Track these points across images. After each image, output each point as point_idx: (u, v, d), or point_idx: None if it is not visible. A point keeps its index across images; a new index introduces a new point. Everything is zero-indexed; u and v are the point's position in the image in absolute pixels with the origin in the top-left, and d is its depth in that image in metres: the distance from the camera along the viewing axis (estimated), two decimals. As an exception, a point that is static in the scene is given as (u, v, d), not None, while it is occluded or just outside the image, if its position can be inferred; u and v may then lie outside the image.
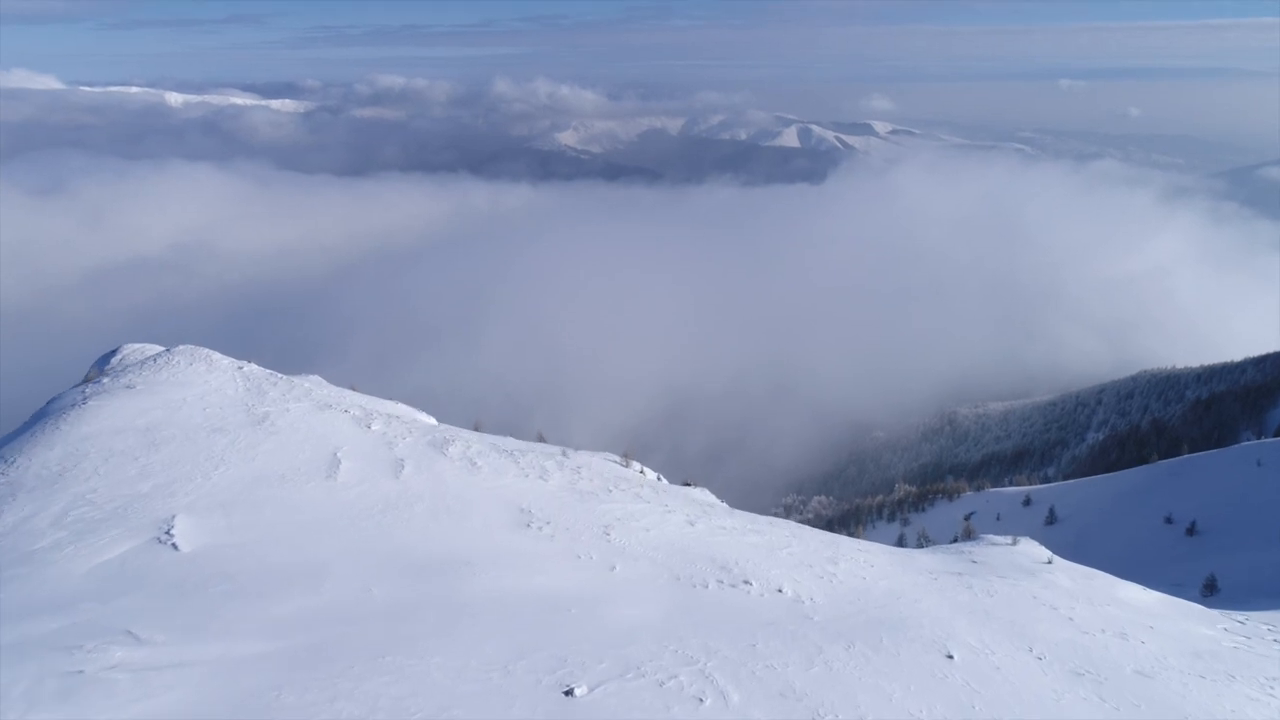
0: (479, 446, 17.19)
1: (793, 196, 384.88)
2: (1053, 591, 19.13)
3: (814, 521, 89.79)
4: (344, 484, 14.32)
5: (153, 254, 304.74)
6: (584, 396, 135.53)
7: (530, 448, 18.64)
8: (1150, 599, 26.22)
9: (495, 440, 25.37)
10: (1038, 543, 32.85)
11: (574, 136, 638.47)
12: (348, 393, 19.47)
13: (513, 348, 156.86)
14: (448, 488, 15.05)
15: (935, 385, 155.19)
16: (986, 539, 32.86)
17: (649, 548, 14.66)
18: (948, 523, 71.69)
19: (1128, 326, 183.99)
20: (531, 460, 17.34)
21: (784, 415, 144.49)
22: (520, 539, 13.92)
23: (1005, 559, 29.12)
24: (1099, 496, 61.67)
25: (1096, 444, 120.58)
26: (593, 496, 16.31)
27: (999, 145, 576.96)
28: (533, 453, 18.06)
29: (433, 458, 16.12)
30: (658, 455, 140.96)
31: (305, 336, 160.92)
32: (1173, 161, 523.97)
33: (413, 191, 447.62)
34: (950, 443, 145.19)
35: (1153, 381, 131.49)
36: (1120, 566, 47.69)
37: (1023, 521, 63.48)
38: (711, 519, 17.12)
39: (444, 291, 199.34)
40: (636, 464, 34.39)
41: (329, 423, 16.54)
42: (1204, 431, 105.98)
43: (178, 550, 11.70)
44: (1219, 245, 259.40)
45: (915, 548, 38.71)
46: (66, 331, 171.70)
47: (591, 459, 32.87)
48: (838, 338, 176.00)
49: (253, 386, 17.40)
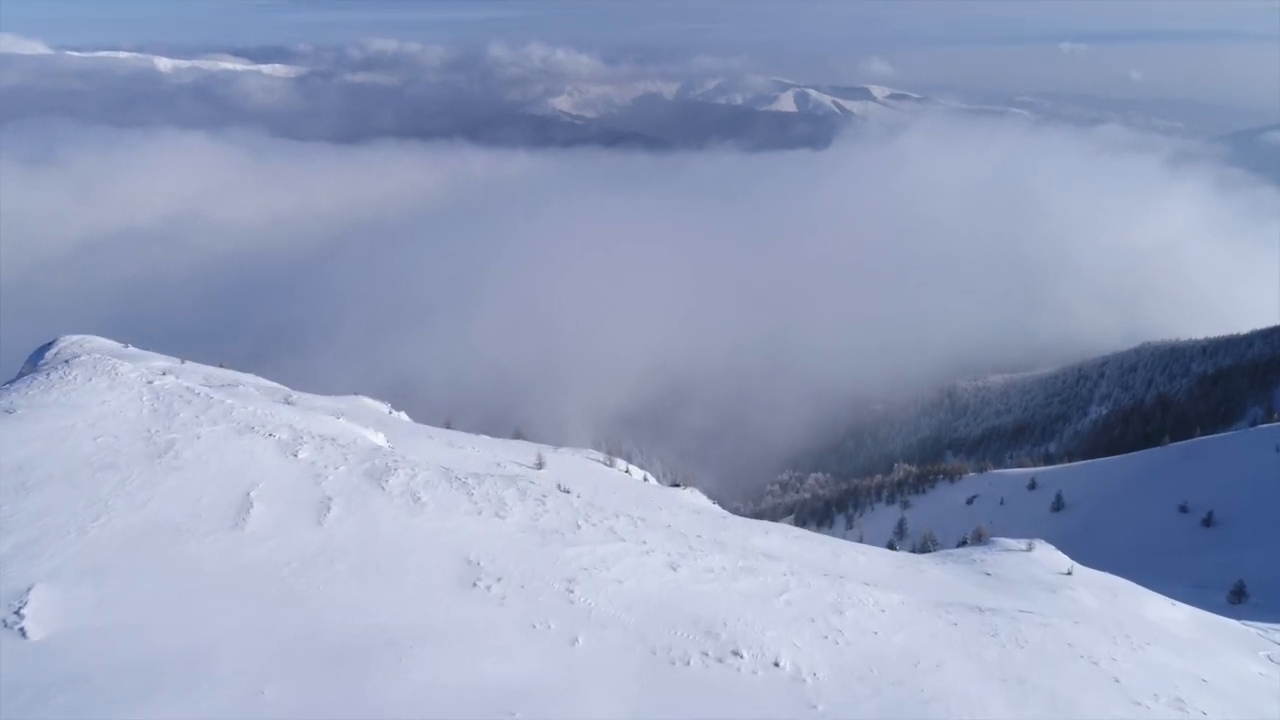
0: (426, 475, 14.74)
1: (794, 163, 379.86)
2: (1085, 630, 16.81)
3: (812, 502, 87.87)
4: (253, 535, 11.91)
5: (144, 225, 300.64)
6: (579, 373, 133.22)
7: (491, 471, 16.21)
8: (1182, 617, 24.03)
9: (457, 454, 22.84)
10: (1052, 545, 30.74)
11: (569, 102, 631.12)
12: (280, 409, 16.96)
13: (508, 323, 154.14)
14: (381, 535, 12.63)
15: (937, 358, 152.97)
16: (999, 543, 30.68)
17: (621, 606, 12.29)
18: (950, 507, 69.64)
19: (1134, 297, 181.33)
20: (489, 490, 14.90)
21: (782, 390, 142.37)
22: (463, 604, 11.53)
23: (1021, 570, 26.95)
24: (1107, 480, 59.51)
25: (1099, 419, 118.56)
26: (557, 537, 13.91)
27: (1000, 110, 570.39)
28: (492, 478, 15.62)
29: (367, 494, 13.68)
30: (653, 432, 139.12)
31: (296, 314, 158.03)
32: (1174, 126, 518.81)
33: (408, 159, 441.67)
34: (949, 416, 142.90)
35: (1156, 354, 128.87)
36: (1134, 560, 45.60)
37: (1028, 507, 61.41)
38: (697, 558, 14.73)
39: (438, 265, 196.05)
40: (622, 462, 32.03)
41: (247, 451, 14.08)
42: (1210, 407, 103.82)
43: (25, 638, 9.33)
44: (1225, 213, 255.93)
45: (921, 552, 36.51)
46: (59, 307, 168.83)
47: (572, 458, 30.56)
48: (838, 310, 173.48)
49: (161, 407, 14.90)
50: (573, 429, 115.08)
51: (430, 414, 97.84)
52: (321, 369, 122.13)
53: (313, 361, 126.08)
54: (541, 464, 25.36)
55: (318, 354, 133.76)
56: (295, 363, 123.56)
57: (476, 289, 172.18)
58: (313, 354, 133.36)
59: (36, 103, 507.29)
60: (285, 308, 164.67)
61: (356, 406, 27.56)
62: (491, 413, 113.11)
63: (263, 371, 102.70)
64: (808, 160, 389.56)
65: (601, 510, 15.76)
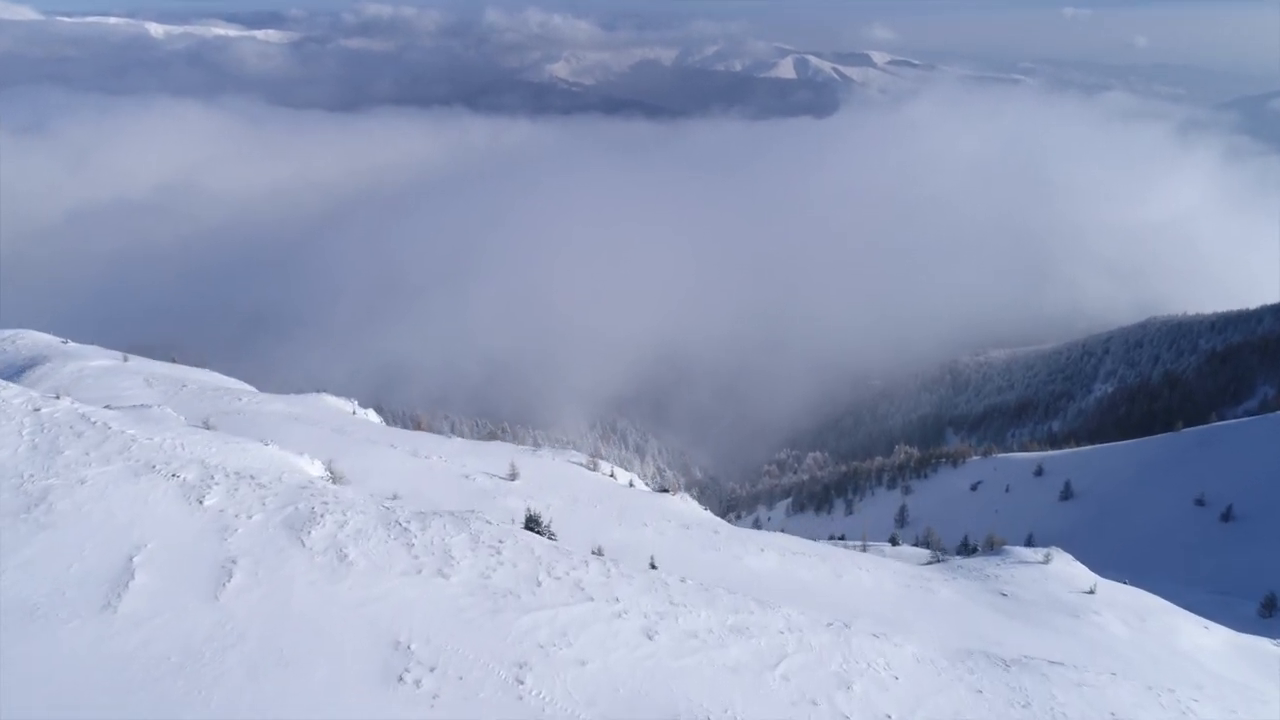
0: (360, 522, 12.50)
1: (796, 132, 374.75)
2: (1125, 689, 14.65)
3: (810, 485, 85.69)
4: (128, 618, 9.68)
5: (137, 197, 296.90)
6: (576, 353, 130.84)
7: (439, 510, 13.96)
8: (1218, 645, 21.97)
9: (420, 468, 20.48)
10: (1070, 555, 28.62)
11: (566, 68, 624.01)
12: (195, 437, 14.66)
13: (504, 303, 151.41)
14: (291, 611, 10.40)
15: (941, 333, 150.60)
16: (1013, 553, 28.48)
17: (582, 701, 10.11)
18: (953, 493, 67.65)
19: (1142, 271, 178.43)
20: (434, 537, 12.67)
21: (782, 366, 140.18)
22: (384, 704, 9.33)
23: (1039, 588, 24.78)
24: (1118, 468, 57.34)
25: (1105, 397, 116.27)
26: (511, 600, 11.69)
27: (1001, 77, 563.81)
28: (441, 519, 13.38)
29: (282, 553, 11.44)
30: (651, 412, 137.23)
31: (288, 293, 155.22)
32: (1177, 92, 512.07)
33: (408, 127, 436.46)
34: (950, 393, 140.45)
35: (1163, 330, 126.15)
36: (1149, 557, 43.52)
37: (1035, 494, 59.32)
38: (679, 617, 12.54)
39: (436, 241, 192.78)
40: (606, 465, 29.78)
41: (141, 500, 11.83)
42: (1219, 386, 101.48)
43: None
44: (1234, 184, 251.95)
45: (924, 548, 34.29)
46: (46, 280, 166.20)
47: (551, 462, 28.35)
48: (840, 284, 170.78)
49: (44, 442, 12.60)
50: (568, 410, 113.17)
51: (422, 398, 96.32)
52: (312, 350, 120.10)
53: (303, 342, 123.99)
54: (515, 474, 23.19)
55: (309, 333, 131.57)
56: (284, 346, 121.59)
57: (473, 266, 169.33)
58: (305, 333, 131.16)
59: (27, 70, 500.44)
60: (277, 286, 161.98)
61: (315, 408, 25.37)
62: (485, 395, 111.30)
63: (248, 356, 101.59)
64: (810, 128, 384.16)
65: (569, 557, 13.53)
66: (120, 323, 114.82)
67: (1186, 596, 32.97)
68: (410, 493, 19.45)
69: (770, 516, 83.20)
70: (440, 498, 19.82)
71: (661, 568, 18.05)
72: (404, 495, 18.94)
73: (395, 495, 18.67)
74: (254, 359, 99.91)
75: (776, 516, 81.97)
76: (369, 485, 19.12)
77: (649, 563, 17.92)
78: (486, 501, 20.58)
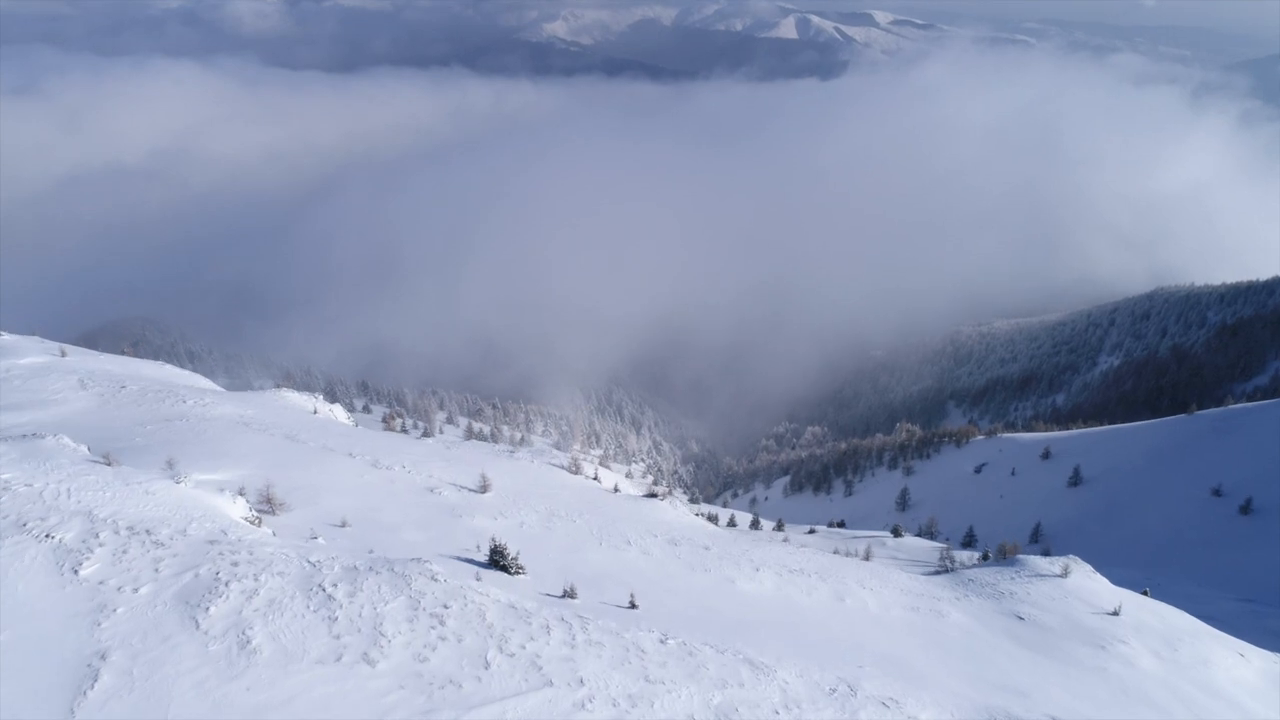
0: (274, 587, 10.46)
1: (801, 95, 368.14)
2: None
3: (808, 463, 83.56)
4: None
5: (131, 161, 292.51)
6: (574, 323, 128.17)
7: (378, 562, 11.89)
8: (1255, 677, 20.03)
9: (379, 481, 18.08)
10: (1087, 565, 26.60)
11: (564, 27, 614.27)
12: (88, 478, 12.56)
13: (503, 273, 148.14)
14: (167, 724, 8.38)
15: (948, 303, 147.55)
16: (1027, 564, 26.35)
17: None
18: (956, 475, 65.64)
19: (1155, 240, 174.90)
20: (363, 605, 10.64)
21: (783, 337, 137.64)
22: None
23: (1059, 608, 22.73)
24: (1129, 453, 55.21)
25: (1110, 370, 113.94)
26: (451, 692, 9.68)
27: (1010, 39, 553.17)
28: (376, 576, 11.36)
29: (168, 640, 9.40)
30: (650, 384, 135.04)
31: (281, 265, 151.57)
32: (1182, 54, 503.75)
33: (407, 89, 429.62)
34: (952, 364, 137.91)
35: (1170, 301, 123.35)
36: (1165, 552, 41.60)
37: (1042, 479, 57.30)
38: (656, 701, 10.55)
39: (434, 210, 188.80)
40: (589, 467, 27.77)
41: (2, 571, 9.76)
42: (1229, 360, 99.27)
43: None
44: (1247, 151, 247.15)
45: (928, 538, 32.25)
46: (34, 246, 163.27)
47: (530, 467, 26.31)
48: (846, 251, 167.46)
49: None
50: (564, 383, 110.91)
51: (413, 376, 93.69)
52: (301, 326, 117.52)
53: (293, 317, 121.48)
54: (486, 486, 21.14)
55: (299, 308, 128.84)
56: (273, 322, 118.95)
57: (471, 239, 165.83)
58: (294, 308, 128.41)
59: (19, 29, 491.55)
60: (269, 259, 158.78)
61: (271, 408, 23.23)
62: (479, 371, 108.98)
63: (234, 334, 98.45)
64: (815, 92, 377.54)
65: (528, 621, 11.51)
66: (102, 296, 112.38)
67: (1210, 605, 31.14)
68: (364, 515, 17.46)
69: (767, 496, 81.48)
70: (399, 519, 17.82)
71: (644, 605, 16.14)
72: (355, 522, 16.95)
73: (344, 522, 16.69)
74: (240, 336, 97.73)
75: (774, 496, 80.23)
76: (317, 508, 17.11)
77: (629, 600, 15.99)
78: (451, 521, 18.58)
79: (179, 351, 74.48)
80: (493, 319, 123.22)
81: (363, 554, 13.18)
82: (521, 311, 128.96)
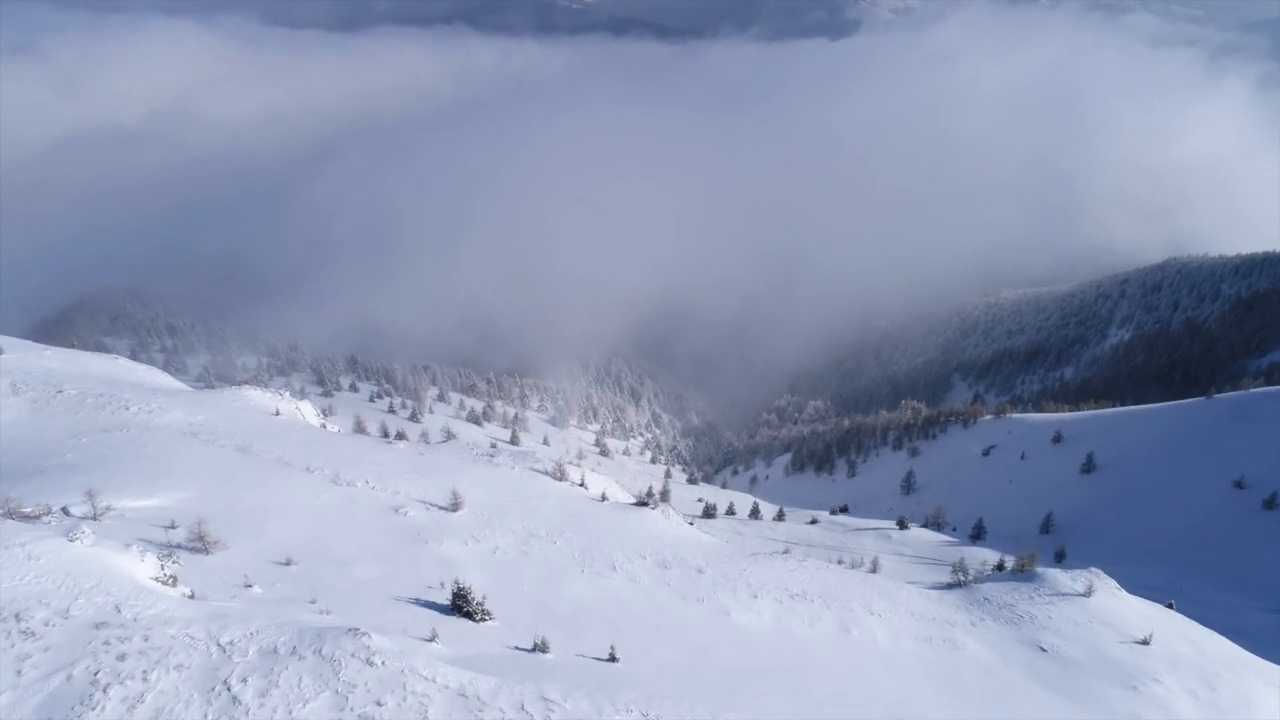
0: (167, 688, 8.66)
1: (811, 56, 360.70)
2: None
3: (810, 441, 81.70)
4: None
5: (129, 123, 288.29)
6: (576, 293, 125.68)
7: (302, 641, 10.05)
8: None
9: (337, 501, 15.93)
10: (1111, 580, 24.74)
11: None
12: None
13: (504, 243, 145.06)
14: None
15: (961, 273, 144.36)
16: (1047, 580, 24.24)
17: None
18: (963, 457, 63.74)
19: (1172, 208, 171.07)
20: (276, 705, 8.85)
21: (788, 308, 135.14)
22: None
23: (1084, 636, 20.77)
24: (1145, 438, 53.15)
25: (1120, 344, 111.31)
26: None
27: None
28: (299, 662, 9.56)
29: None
30: (652, 357, 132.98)
31: (276, 233, 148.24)
32: (1194, 13, 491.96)
33: (409, 49, 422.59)
34: (958, 335, 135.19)
35: (1183, 272, 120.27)
36: (1185, 550, 39.50)
37: (1053, 464, 55.32)
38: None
39: (435, 179, 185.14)
40: (576, 472, 25.87)
41: None
42: (1244, 335, 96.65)
43: None
44: (1266, 116, 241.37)
45: (934, 529, 30.49)
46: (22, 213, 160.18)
47: (511, 473, 24.42)
48: (856, 221, 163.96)
49: None
50: (563, 353, 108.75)
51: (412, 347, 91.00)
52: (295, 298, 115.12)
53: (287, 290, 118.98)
54: (458, 503, 19.31)
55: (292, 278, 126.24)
56: (265, 295, 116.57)
57: (472, 207, 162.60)
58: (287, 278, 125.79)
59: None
60: (263, 226, 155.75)
61: (227, 412, 21.30)
62: (480, 348, 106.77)
63: (223, 304, 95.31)
64: (824, 52, 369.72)
65: (480, 716, 9.72)
66: (90, 266, 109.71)
67: (1239, 616, 29.31)
68: (315, 547, 15.66)
69: (768, 475, 79.87)
70: (355, 549, 16.01)
71: (627, 654, 14.36)
72: (302, 557, 15.14)
73: (288, 559, 14.88)
74: (228, 311, 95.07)
75: (775, 475, 78.60)
76: (260, 541, 15.31)
77: (609, 651, 14.22)
78: (415, 550, 16.79)
79: (159, 326, 72.38)
80: (492, 294, 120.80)
81: (294, 618, 11.36)
82: (521, 285, 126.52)
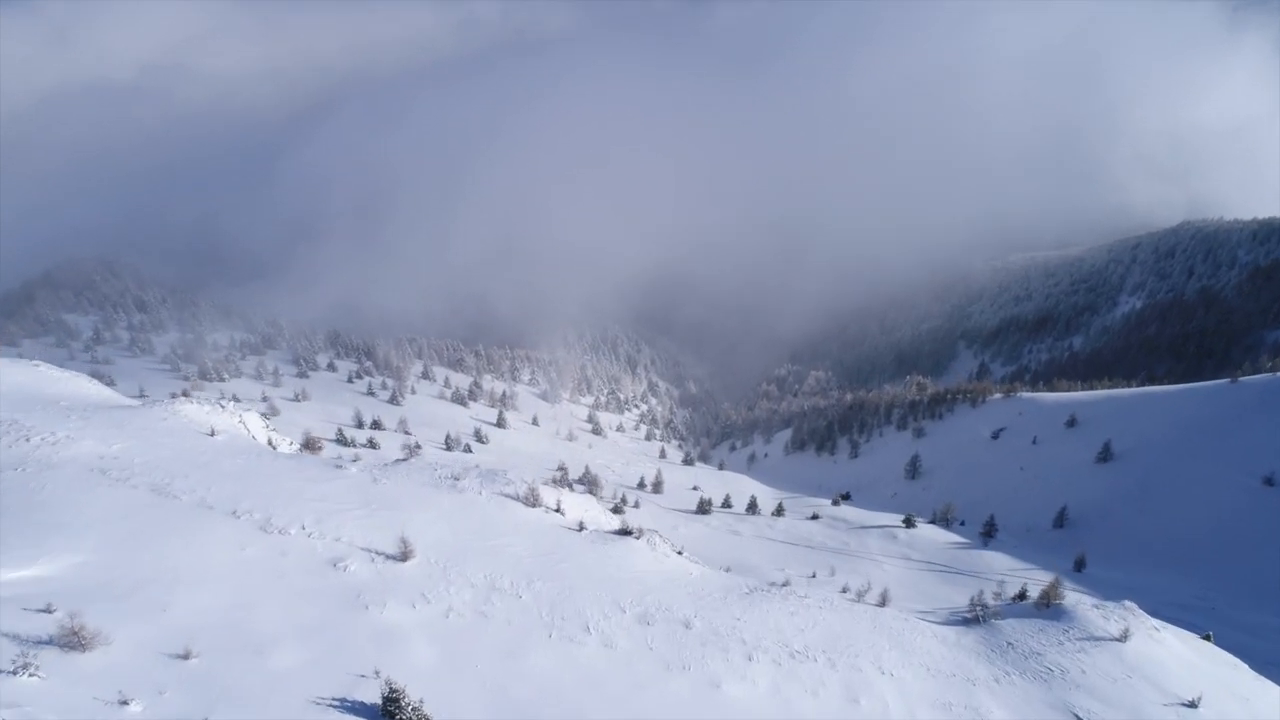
0: None
1: (824, 13, 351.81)
2: None
3: (811, 418, 79.16)
4: None
5: (121, 77, 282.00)
6: (577, 263, 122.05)
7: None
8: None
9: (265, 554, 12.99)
10: (1145, 615, 22.26)
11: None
12: None
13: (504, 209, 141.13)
14: None
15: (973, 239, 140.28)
16: (1077, 619, 21.16)
17: None
18: (971, 439, 61.12)
19: (1192, 169, 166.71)
20: None
21: (794, 274, 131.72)
22: None
23: (1126, 699, 17.72)
24: (1164, 425, 50.35)
25: (1133, 313, 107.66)
26: None
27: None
28: None
29: None
30: (652, 326, 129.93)
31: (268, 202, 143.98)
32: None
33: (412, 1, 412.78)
34: (964, 301, 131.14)
35: (1198, 237, 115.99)
36: (1211, 551, 36.41)
37: (1067, 451, 52.58)
38: None
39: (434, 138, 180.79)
40: (551, 497, 23.24)
41: None
42: (1261, 305, 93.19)
43: None
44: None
45: (942, 525, 27.89)
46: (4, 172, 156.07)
47: (478, 501, 21.83)
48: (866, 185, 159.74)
49: None
50: (559, 326, 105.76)
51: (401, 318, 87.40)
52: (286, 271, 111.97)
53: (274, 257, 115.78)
54: (408, 551, 16.62)
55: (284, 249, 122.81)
56: (249, 268, 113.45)
57: (470, 171, 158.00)
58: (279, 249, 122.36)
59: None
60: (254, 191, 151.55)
61: (151, 436, 18.57)
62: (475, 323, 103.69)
63: (202, 277, 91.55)
64: (839, 9, 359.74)
65: None
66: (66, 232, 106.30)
67: (1277, 643, 27.16)
68: (226, 626, 13.04)
69: (767, 452, 77.43)
70: (277, 625, 13.40)
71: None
72: (207, 644, 12.46)
73: (187, 651, 12.23)
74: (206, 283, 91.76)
75: (774, 453, 76.18)
76: (157, 623, 12.68)
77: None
78: (352, 619, 14.21)
79: (127, 301, 69.14)
80: (486, 267, 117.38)
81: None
82: (517, 257, 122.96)
